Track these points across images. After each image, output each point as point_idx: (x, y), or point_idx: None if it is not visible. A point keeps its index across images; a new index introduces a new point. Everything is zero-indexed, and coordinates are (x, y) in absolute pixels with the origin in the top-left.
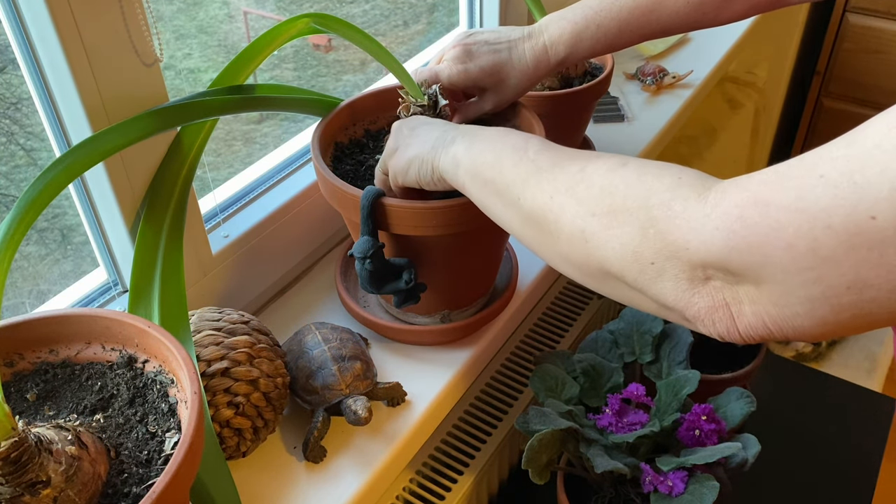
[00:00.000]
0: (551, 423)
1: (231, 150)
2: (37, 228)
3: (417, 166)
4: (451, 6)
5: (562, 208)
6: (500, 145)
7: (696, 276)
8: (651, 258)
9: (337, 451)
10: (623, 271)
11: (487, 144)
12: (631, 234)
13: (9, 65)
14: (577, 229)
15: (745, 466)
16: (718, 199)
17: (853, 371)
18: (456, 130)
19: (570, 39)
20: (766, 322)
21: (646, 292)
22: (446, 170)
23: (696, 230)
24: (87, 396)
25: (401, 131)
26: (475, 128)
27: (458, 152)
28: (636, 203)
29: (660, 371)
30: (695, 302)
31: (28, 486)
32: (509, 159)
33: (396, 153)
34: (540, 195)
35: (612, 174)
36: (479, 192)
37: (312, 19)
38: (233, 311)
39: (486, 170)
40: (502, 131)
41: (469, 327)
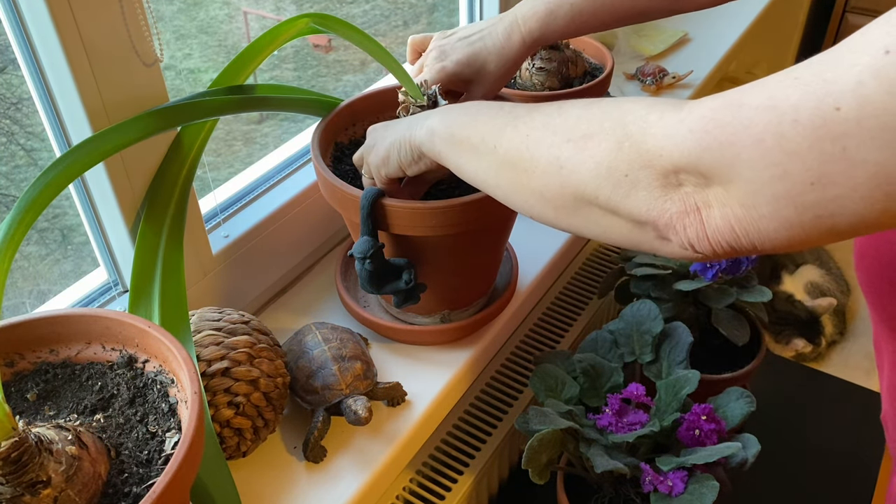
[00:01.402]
0: (551, 423)
1: (231, 150)
2: (37, 228)
3: (396, 150)
4: (451, 6)
5: (537, 143)
6: (476, 108)
7: (669, 182)
8: (625, 170)
9: (337, 451)
10: (597, 190)
11: (463, 110)
12: (606, 149)
13: (9, 65)
14: (552, 158)
15: (745, 466)
16: (694, 106)
17: (853, 371)
18: (432, 112)
19: (544, 17)
20: (732, 225)
21: (619, 210)
22: (423, 141)
23: (670, 136)
24: (88, 396)
25: (375, 130)
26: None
27: (433, 123)
28: (612, 123)
29: (660, 371)
30: (667, 209)
31: (28, 486)
32: (485, 115)
33: (374, 148)
34: (516, 136)
35: (590, 105)
36: (454, 153)
37: (312, 19)
38: (233, 311)
39: (461, 129)
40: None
41: (469, 327)
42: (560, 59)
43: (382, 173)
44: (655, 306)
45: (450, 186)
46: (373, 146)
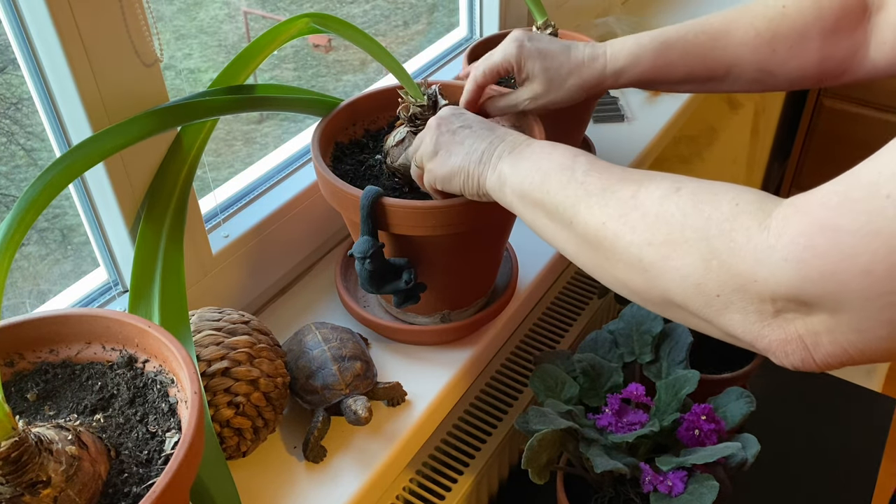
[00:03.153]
0: (551, 423)
1: (231, 150)
2: (37, 228)
3: (462, 179)
4: (451, 6)
5: (616, 235)
6: (547, 164)
7: (766, 309)
8: (716, 291)
9: (337, 451)
10: (686, 302)
11: (533, 163)
12: (692, 265)
13: (9, 65)
14: (634, 258)
15: (745, 466)
16: (782, 228)
17: (853, 371)
18: (500, 142)
19: (632, 49)
20: (846, 349)
21: (712, 322)
22: (492, 188)
23: (763, 262)
24: (88, 396)
25: (441, 132)
26: (519, 140)
27: (504, 170)
28: (695, 234)
29: (659, 371)
30: (765, 335)
31: (28, 486)
32: (556, 180)
33: (438, 157)
34: (592, 220)
35: (667, 201)
36: (528, 212)
37: (312, 19)
38: (233, 311)
39: (533, 191)
40: (547, 146)
41: (469, 327)
42: None
43: (439, 186)
44: None
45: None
46: (435, 153)
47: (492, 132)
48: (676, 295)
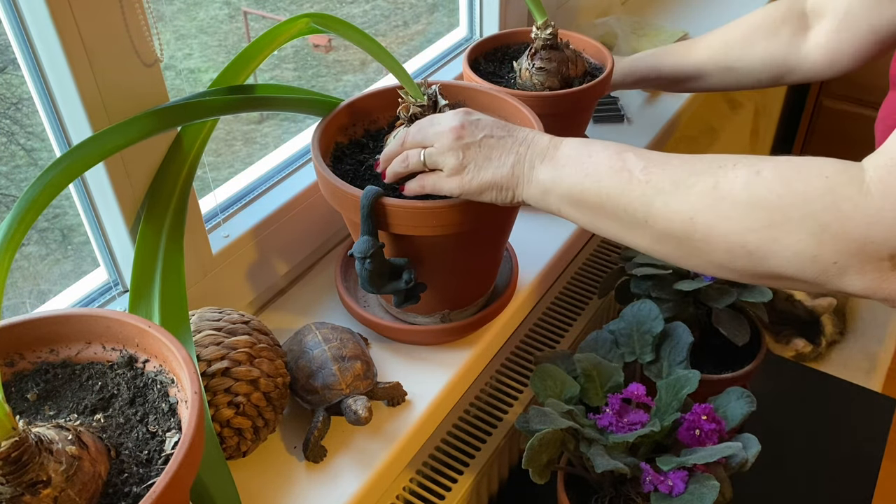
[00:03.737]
0: (551, 422)
1: (231, 150)
2: (37, 228)
3: (495, 193)
4: (451, 6)
5: (710, 227)
6: (592, 167)
7: (883, 265)
8: (832, 259)
9: (337, 451)
10: (799, 274)
11: (576, 168)
12: (804, 241)
13: (9, 65)
14: (735, 245)
15: (746, 466)
16: (884, 190)
17: (853, 371)
18: (527, 149)
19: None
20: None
21: (825, 286)
22: (532, 198)
23: (876, 223)
24: (88, 396)
25: (465, 146)
26: (544, 142)
27: (544, 180)
28: (798, 213)
29: (660, 371)
30: (884, 288)
31: (28, 486)
32: (614, 183)
33: (466, 173)
34: (675, 216)
35: (754, 186)
36: (583, 216)
37: (312, 19)
38: (233, 311)
39: (588, 197)
40: (577, 145)
41: (469, 327)
42: (560, 58)
43: (456, 194)
44: (656, 306)
45: None
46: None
47: (512, 138)
48: (788, 270)
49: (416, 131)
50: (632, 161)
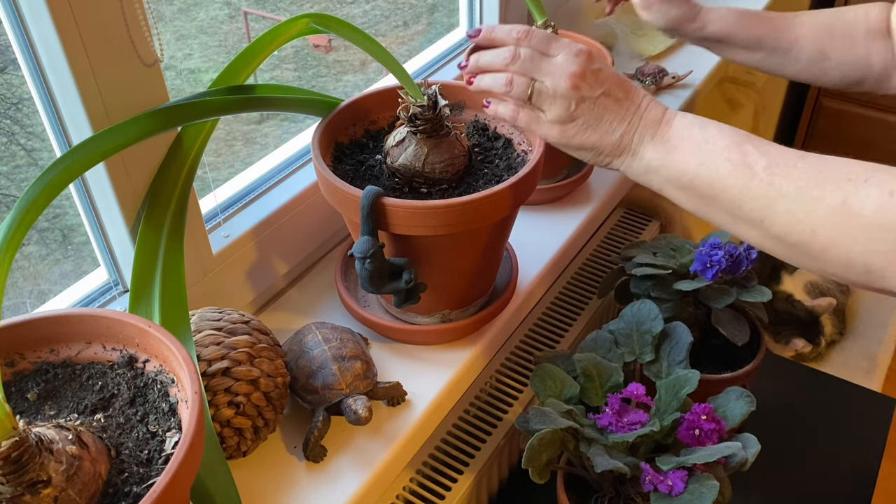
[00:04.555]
0: (551, 422)
1: (231, 151)
2: (37, 228)
3: (592, 155)
4: (451, 6)
5: (832, 242)
6: (710, 156)
7: None
8: None
9: (337, 451)
10: None
11: (691, 153)
12: None
13: (9, 65)
14: (856, 263)
15: (745, 466)
16: None
17: (853, 371)
18: (639, 120)
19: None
20: None
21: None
22: (634, 172)
23: None
24: (88, 396)
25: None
26: (657, 116)
27: (650, 158)
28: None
29: (660, 371)
30: None
31: (29, 486)
32: (733, 178)
33: (573, 125)
34: (796, 225)
35: (887, 210)
36: (691, 202)
37: (312, 19)
38: (233, 311)
39: (700, 185)
40: (695, 127)
41: (469, 327)
42: None
43: (559, 144)
44: (655, 306)
45: (450, 186)
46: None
47: (629, 102)
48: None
49: (528, 56)
50: (753, 156)
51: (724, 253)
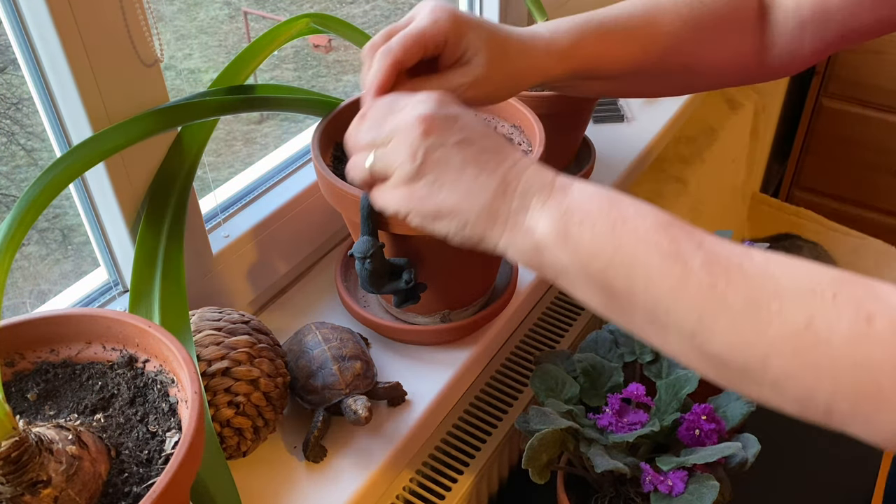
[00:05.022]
0: (551, 422)
1: (231, 151)
2: (37, 228)
3: (456, 226)
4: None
5: (787, 375)
6: (629, 239)
7: None
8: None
9: (337, 451)
10: (889, 445)
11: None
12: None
13: (9, 65)
14: (816, 401)
15: (745, 466)
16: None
17: None
18: (524, 180)
19: (572, 29)
20: None
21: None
22: (518, 250)
23: None
24: (88, 396)
25: (429, 145)
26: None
27: (546, 235)
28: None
29: (660, 371)
30: None
31: (28, 486)
32: (660, 271)
33: (420, 184)
34: (743, 347)
35: (863, 343)
36: (598, 298)
37: (312, 19)
38: (233, 311)
39: (616, 277)
40: (602, 199)
41: (469, 327)
42: None
43: (397, 211)
44: None
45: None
46: (418, 175)
47: (502, 154)
48: (872, 438)
49: (367, 126)
50: (686, 246)
51: None
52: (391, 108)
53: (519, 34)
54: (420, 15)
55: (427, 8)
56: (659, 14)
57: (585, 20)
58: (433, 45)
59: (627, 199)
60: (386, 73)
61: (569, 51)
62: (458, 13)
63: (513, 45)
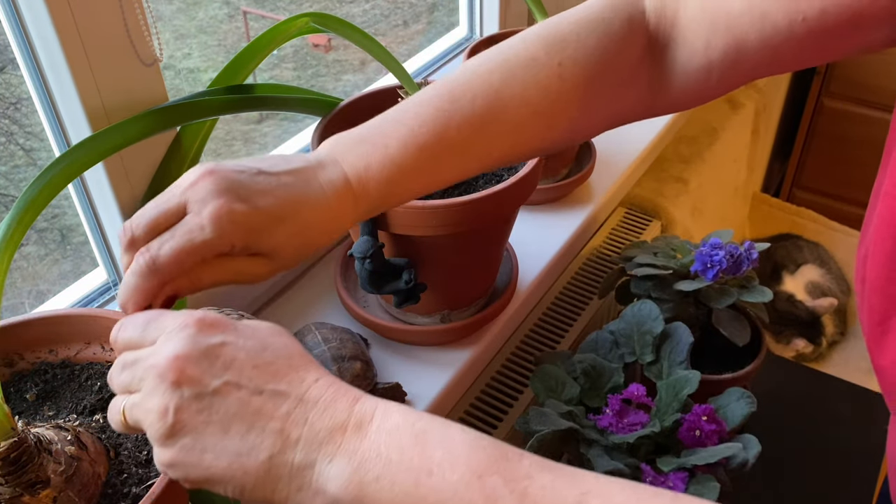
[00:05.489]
0: (551, 423)
1: (231, 150)
2: (36, 228)
3: (233, 493)
4: (451, 6)
5: None
6: (432, 497)
7: None
8: None
9: None
10: None
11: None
12: None
13: (8, 65)
14: None
15: (746, 467)
16: None
17: (853, 371)
18: (308, 426)
19: (384, 170)
20: None
21: None
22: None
23: None
24: (87, 396)
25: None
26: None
27: (334, 494)
28: None
29: (660, 371)
30: None
31: (28, 487)
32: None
33: (178, 444)
34: None
35: None
36: None
37: (312, 19)
38: (233, 311)
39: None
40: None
41: (469, 327)
42: None
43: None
44: (656, 307)
45: (450, 186)
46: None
47: (282, 396)
48: None
49: (119, 362)
50: (504, 499)
51: (724, 253)
52: (143, 337)
53: (316, 198)
54: (201, 215)
55: (209, 208)
56: (501, 111)
57: (401, 149)
58: (215, 255)
59: (438, 435)
60: (146, 294)
61: (385, 198)
62: (248, 211)
63: (315, 219)
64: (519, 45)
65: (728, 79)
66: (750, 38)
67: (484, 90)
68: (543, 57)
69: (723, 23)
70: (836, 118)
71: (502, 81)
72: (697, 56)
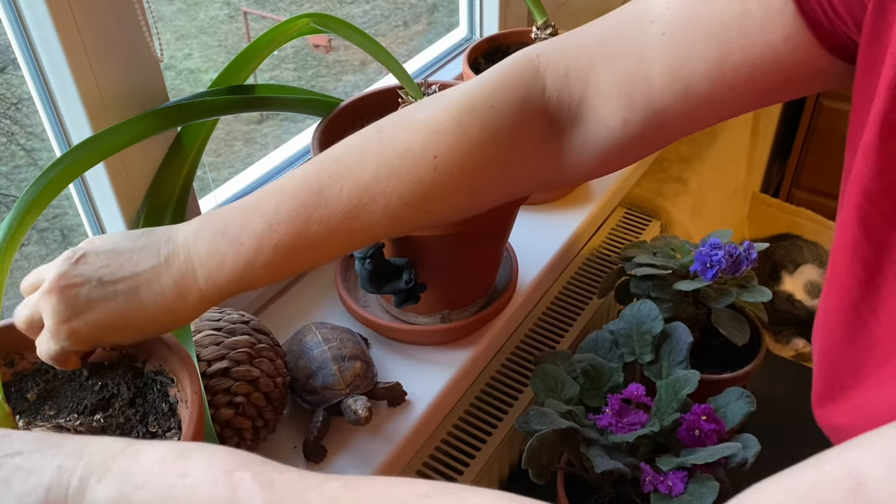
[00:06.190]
0: (551, 423)
1: (231, 150)
2: (37, 228)
3: None
4: (451, 6)
5: None
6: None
7: None
8: None
9: (337, 451)
10: None
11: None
12: None
13: (9, 65)
14: None
15: (746, 466)
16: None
17: None
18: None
19: (236, 269)
20: None
21: None
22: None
23: None
24: (88, 396)
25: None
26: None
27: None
28: None
29: (660, 371)
30: None
31: None
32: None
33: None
34: None
35: None
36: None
37: (312, 19)
38: (233, 311)
39: None
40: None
41: (469, 327)
42: None
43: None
44: (655, 306)
45: None
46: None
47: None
48: None
49: None
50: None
51: (724, 253)
52: None
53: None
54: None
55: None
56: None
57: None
58: None
59: (200, 452)
60: None
61: (237, 290)
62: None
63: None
64: (399, 131)
65: (649, 146)
66: (672, 111)
67: (352, 182)
68: (419, 148)
69: (642, 101)
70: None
71: (373, 174)
72: (615, 132)
